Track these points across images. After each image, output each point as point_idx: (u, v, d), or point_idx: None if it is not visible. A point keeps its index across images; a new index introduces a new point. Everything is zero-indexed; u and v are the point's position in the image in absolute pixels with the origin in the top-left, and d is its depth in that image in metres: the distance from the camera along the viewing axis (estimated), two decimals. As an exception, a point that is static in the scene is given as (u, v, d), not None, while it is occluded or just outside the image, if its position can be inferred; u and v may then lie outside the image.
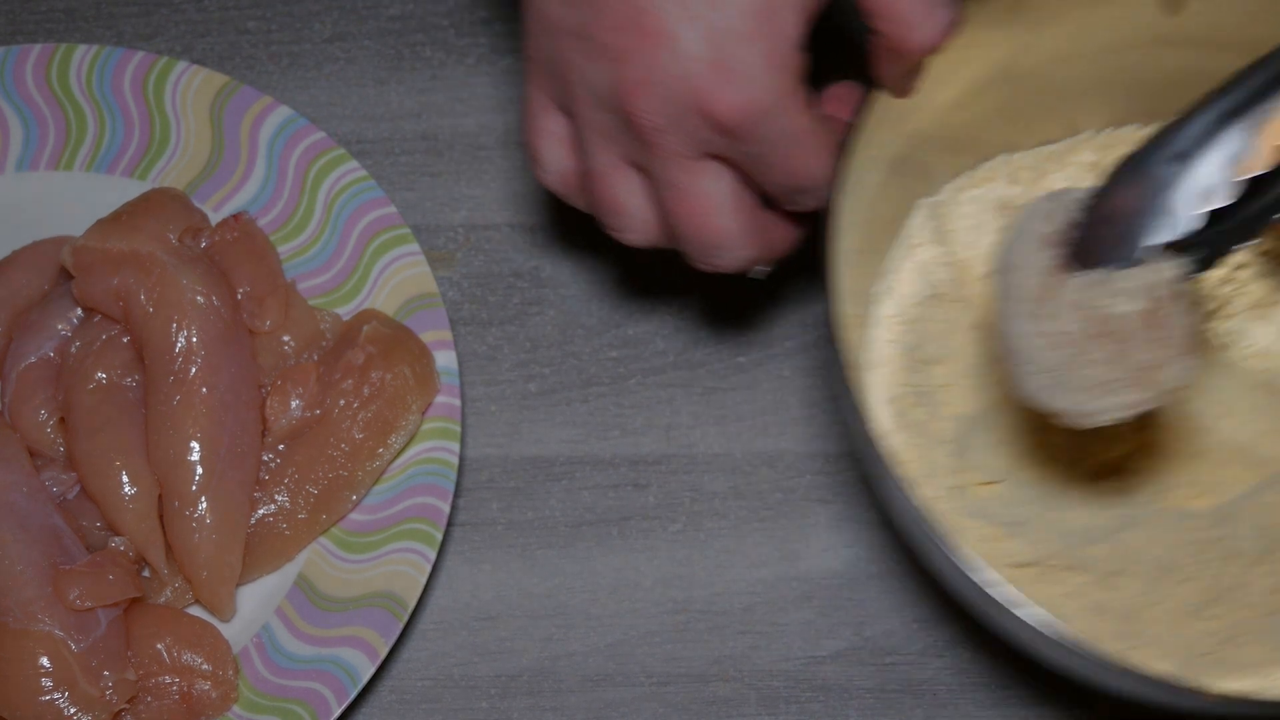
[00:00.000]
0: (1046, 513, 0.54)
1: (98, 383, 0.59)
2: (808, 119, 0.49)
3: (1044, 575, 0.53)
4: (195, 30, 0.71)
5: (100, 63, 0.67)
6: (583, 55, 0.48)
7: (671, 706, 0.59)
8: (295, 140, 0.65)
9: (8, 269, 0.63)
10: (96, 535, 0.58)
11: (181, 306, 0.59)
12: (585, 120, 0.50)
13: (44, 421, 0.60)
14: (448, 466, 0.60)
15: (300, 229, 0.65)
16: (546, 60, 0.50)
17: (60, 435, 0.60)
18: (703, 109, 0.47)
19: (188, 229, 0.62)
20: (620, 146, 0.50)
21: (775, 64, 0.47)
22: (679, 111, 0.47)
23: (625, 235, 0.53)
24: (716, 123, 0.47)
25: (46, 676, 0.54)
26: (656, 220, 0.52)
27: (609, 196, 0.52)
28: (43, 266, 0.63)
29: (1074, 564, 0.53)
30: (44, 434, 0.60)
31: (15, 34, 0.71)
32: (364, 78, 0.70)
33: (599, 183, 0.51)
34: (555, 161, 0.53)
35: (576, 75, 0.49)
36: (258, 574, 0.59)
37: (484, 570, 0.61)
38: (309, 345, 0.62)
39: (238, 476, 0.58)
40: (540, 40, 0.50)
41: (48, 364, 0.61)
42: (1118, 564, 0.53)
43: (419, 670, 0.59)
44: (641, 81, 0.47)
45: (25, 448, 0.59)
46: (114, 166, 0.66)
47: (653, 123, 0.48)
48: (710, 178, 0.49)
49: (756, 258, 0.53)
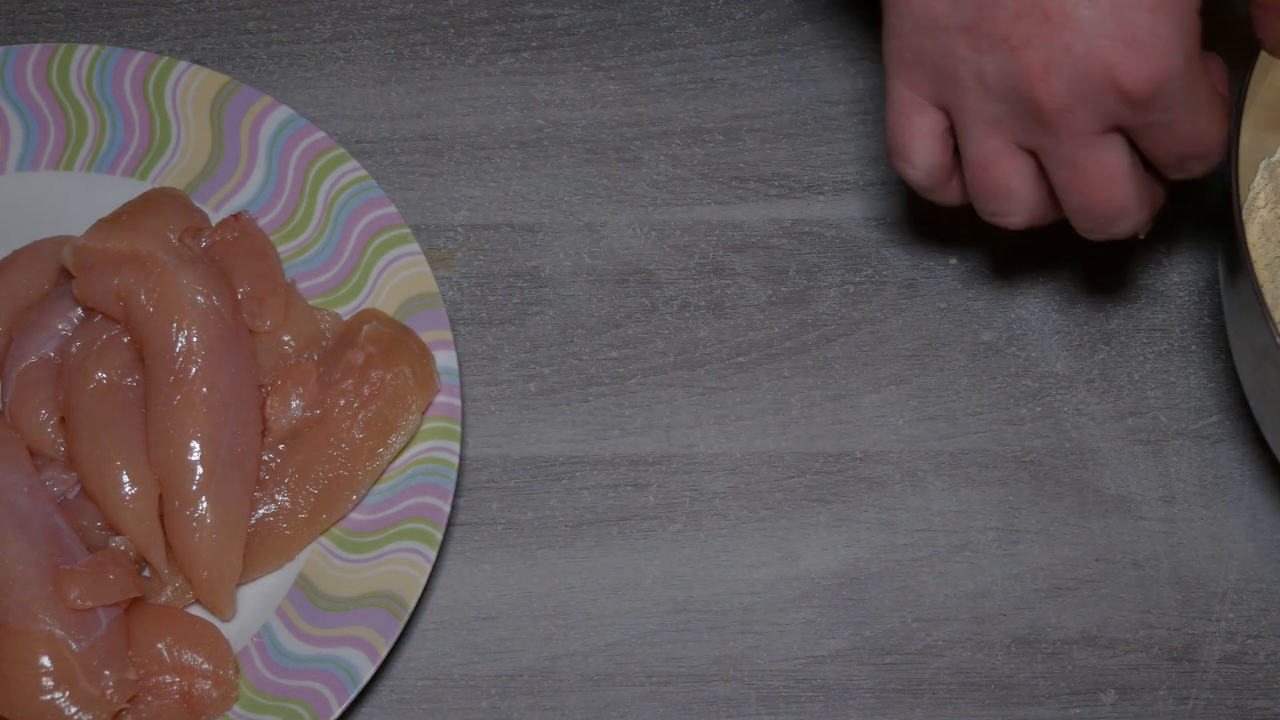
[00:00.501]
0: None
1: (98, 383, 0.59)
2: (1208, 85, 0.50)
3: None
4: (195, 30, 0.71)
5: (100, 63, 0.67)
6: (973, 49, 0.50)
7: (671, 706, 0.59)
8: (295, 140, 0.65)
9: (8, 269, 0.63)
10: (97, 535, 0.58)
11: (181, 306, 0.59)
12: (972, 111, 0.51)
13: (44, 421, 0.60)
14: (448, 466, 0.60)
15: (300, 229, 0.65)
16: (923, 58, 0.52)
17: (60, 435, 0.60)
18: (1114, 83, 0.48)
19: (188, 229, 0.62)
20: (1010, 132, 0.52)
21: (1182, 31, 0.48)
22: (1087, 89, 0.48)
23: (1009, 219, 0.54)
24: (1127, 95, 0.48)
25: (47, 676, 0.54)
26: (1043, 200, 0.54)
27: (997, 183, 0.53)
28: (43, 266, 0.63)
29: None
30: (44, 434, 0.60)
31: (15, 34, 0.71)
32: (364, 78, 0.70)
33: (987, 170, 0.53)
34: (927, 158, 0.54)
35: (965, 69, 0.50)
36: (258, 574, 0.59)
37: (484, 570, 0.61)
38: (309, 345, 0.62)
39: (238, 476, 0.58)
40: (915, 39, 0.52)
41: (48, 364, 0.61)
42: None
43: (419, 670, 0.59)
44: (1046, 65, 0.48)
45: (25, 448, 0.59)
46: (114, 166, 0.66)
47: (1059, 104, 0.49)
48: (1112, 150, 0.51)
49: (1147, 220, 0.54)
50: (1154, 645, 0.59)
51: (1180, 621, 0.60)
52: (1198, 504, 0.61)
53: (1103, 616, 0.60)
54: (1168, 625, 0.60)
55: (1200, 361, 0.64)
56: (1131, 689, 0.59)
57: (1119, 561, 0.61)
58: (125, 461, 0.58)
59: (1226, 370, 0.64)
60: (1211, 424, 0.63)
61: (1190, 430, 0.63)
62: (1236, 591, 0.60)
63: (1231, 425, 0.63)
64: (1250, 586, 0.60)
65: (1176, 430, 0.63)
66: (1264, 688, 0.59)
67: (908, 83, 0.53)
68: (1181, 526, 0.61)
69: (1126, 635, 0.59)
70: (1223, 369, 0.64)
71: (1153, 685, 0.59)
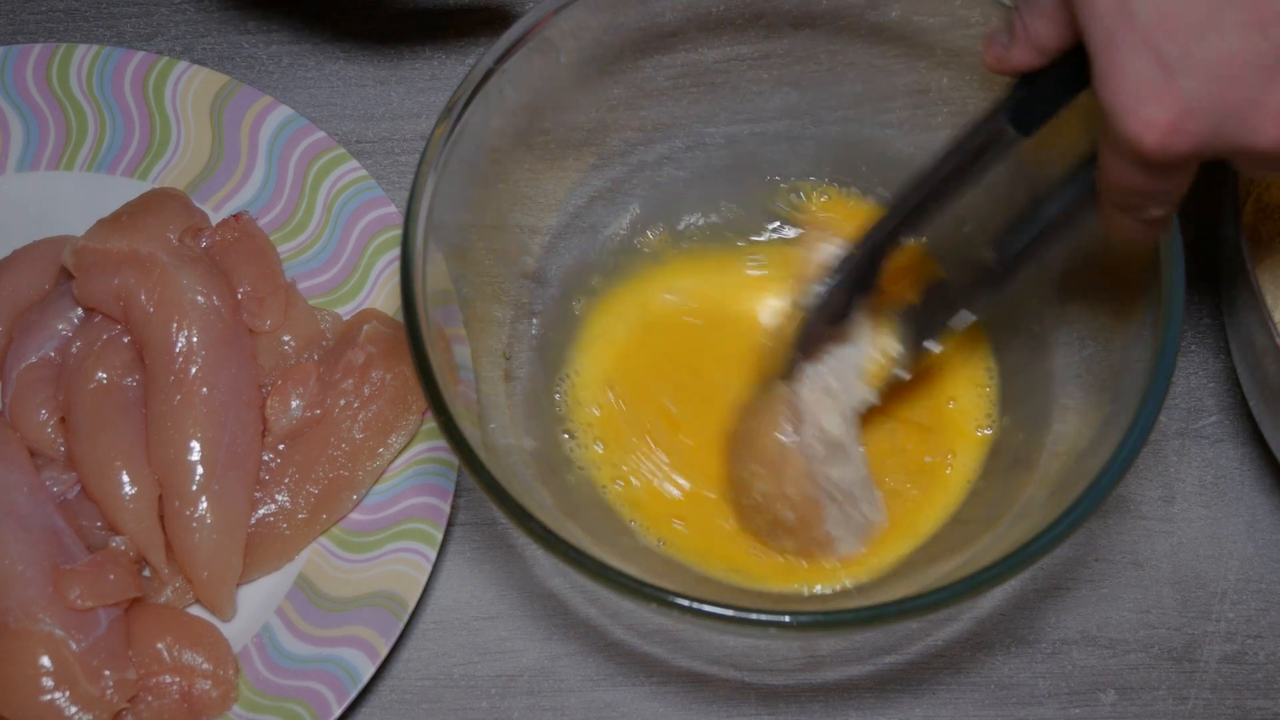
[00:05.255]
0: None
1: (98, 383, 0.60)
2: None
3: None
4: (195, 30, 0.71)
5: (101, 63, 0.67)
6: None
7: (671, 706, 0.59)
8: (295, 140, 0.65)
9: (8, 269, 0.63)
10: (97, 535, 0.58)
11: (182, 306, 0.59)
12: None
13: (44, 421, 0.60)
14: (448, 466, 0.60)
15: (300, 229, 0.65)
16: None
17: (60, 435, 0.60)
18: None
19: (188, 229, 0.62)
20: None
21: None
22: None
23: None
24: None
25: (47, 676, 0.54)
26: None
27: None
28: (43, 266, 0.63)
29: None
30: (44, 434, 0.60)
31: (16, 34, 0.71)
32: (364, 78, 0.70)
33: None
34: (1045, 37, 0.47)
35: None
36: (258, 574, 0.59)
37: (484, 570, 0.61)
38: (309, 345, 0.62)
39: (238, 476, 0.58)
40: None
41: (48, 364, 0.61)
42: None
43: (419, 670, 0.59)
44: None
45: (25, 448, 0.59)
46: (114, 166, 0.66)
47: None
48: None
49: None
50: (1154, 645, 0.59)
51: (1180, 621, 0.60)
52: (1198, 504, 0.62)
53: (1103, 616, 0.60)
54: (1168, 625, 0.60)
55: (1200, 361, 0.64)
56: (1131, 689, 0.59)
57: (1119, 561, 0.61)
58: (125, 461, 0.58)
59: (1226, 370, 0.64)
60: (1211, 424, 0.63)
61: (1190, 430, 0.63)
62: (1236, 591, 0.60)
63: (1231, 425, 0.63)
64: (1250, 586, 0.60)
65: (1176, 430, 0.63)
66: (1264, 688, 0.59)
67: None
68: (1181, 526, 0.61)
69: (1126, 635, 0.59)
70: (1223, 369, 0.64)
71: (1153, 685, 0.59)
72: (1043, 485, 0.52)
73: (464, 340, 0.54)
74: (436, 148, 0.52)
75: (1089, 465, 0.49)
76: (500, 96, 0.54)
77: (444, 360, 0.50)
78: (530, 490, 0.53)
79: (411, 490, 0.60)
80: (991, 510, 0.54)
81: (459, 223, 0.55)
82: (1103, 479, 0.47)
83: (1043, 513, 0.49)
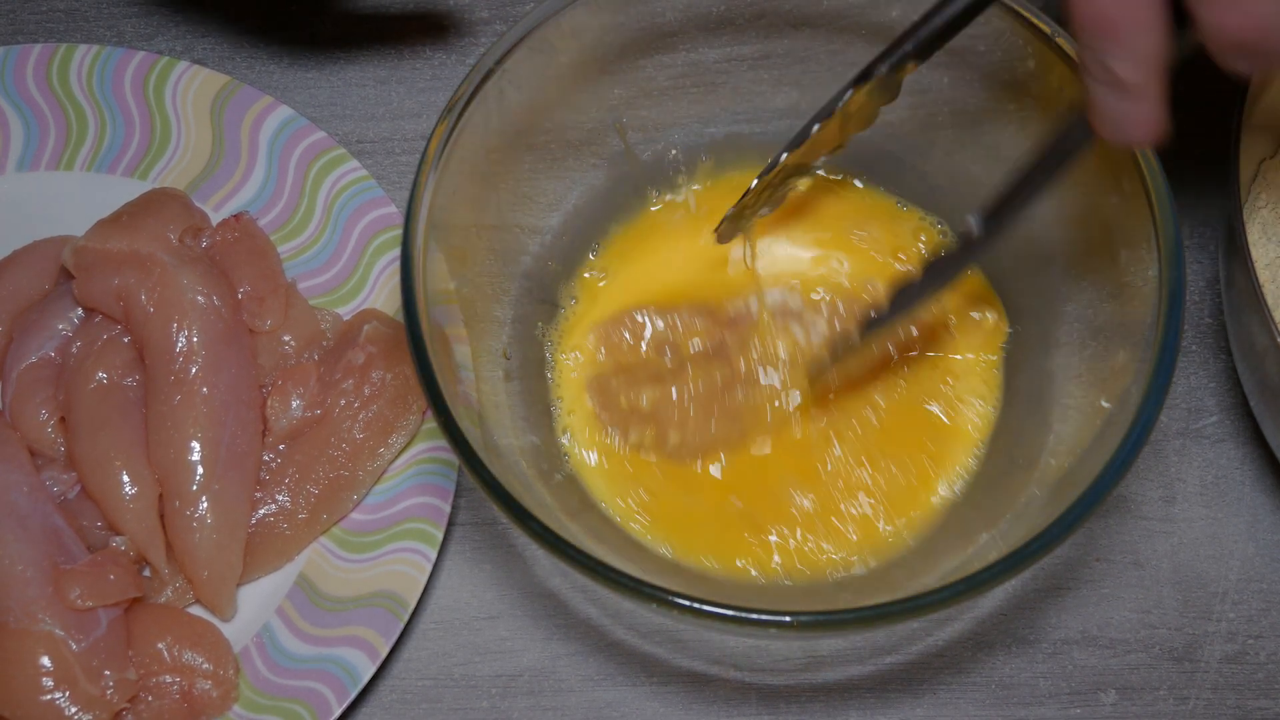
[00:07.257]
0: None
1: (98, 383, 0.60)
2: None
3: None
4: (196, 30, 0.71)
5: (101, 63, 0.67)
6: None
7: (672, 706, 0.59)
8: (295, 140, 0.65)
9: (8, 269, 0.63)
10: (97, 535, 0.58)
11: (182, 306, 0.59)
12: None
13: (44, 421, 0.60)
14: (448, 466, 0.60)
15: (300, 229, 0.65)
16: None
17: (60, 435, 0.60)
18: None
19: (188, 229, 0.62)
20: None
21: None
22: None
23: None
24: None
25: (47, 676, 0.54)
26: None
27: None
28: (43, 266, 0.63)
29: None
30: (44, 434, 0.60)
31: (16, 34, 0.71)
32: (364, 78, 0.70)
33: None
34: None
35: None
36: (258, 574, 0.59)
37: (484, 570, 0.61)
38: (309, 345, 0.62)
39: (238, 476, 0.58)
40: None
41: (48, 364, 0.61)
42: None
43: (419, 670, 0.59)
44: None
45: (25, 448, 0.59)
46: (114, 166, 0.66)
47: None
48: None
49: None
50: (1154, 645, 0.59)
51: (1181, 621, 0.60)
52: (1198, 504, 0.61)
53: (1103, 616, 0.60)
54: (1168, 625, 0.60)
55: (1200, 361, 0.64)
56: (1131, 689, 0.59)
57: (1120, 561, 0.61)
58: (125, 461, 0.58)
59: (1226, 370, 0.64)
60: (1211, 424, 0.63)
61: (1191, 430, 0.63)
62: (1237, 591, 0.60)
63: (1231, 425, 0.63)
64: (1250, 586, 0.60)
65: (1176, 430, 0.63)
66: (1264, 688, 0.59)
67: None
68: (1182, 526, 0.61)
69: (1127, 635, 0.59)
70: (1223, 369, 0.64)
71: (1153, 685, 0.59)
72: (1043, 485, 0.52)
73: (464, 340, 0.54)
74: (437, 148, 0.52)
75: (1089, 465, 0.49)
76: (500, 96, 0.54)
77: (444, 360, 0.50)
78: (530, 490, 0.53)
79: (412, 490, 0.60)
80: (991, 510, 0.54)
81: (459, 223, 0.55)
82: (1103, 479, 0.47)
83: (1043, 513, 0.49)
